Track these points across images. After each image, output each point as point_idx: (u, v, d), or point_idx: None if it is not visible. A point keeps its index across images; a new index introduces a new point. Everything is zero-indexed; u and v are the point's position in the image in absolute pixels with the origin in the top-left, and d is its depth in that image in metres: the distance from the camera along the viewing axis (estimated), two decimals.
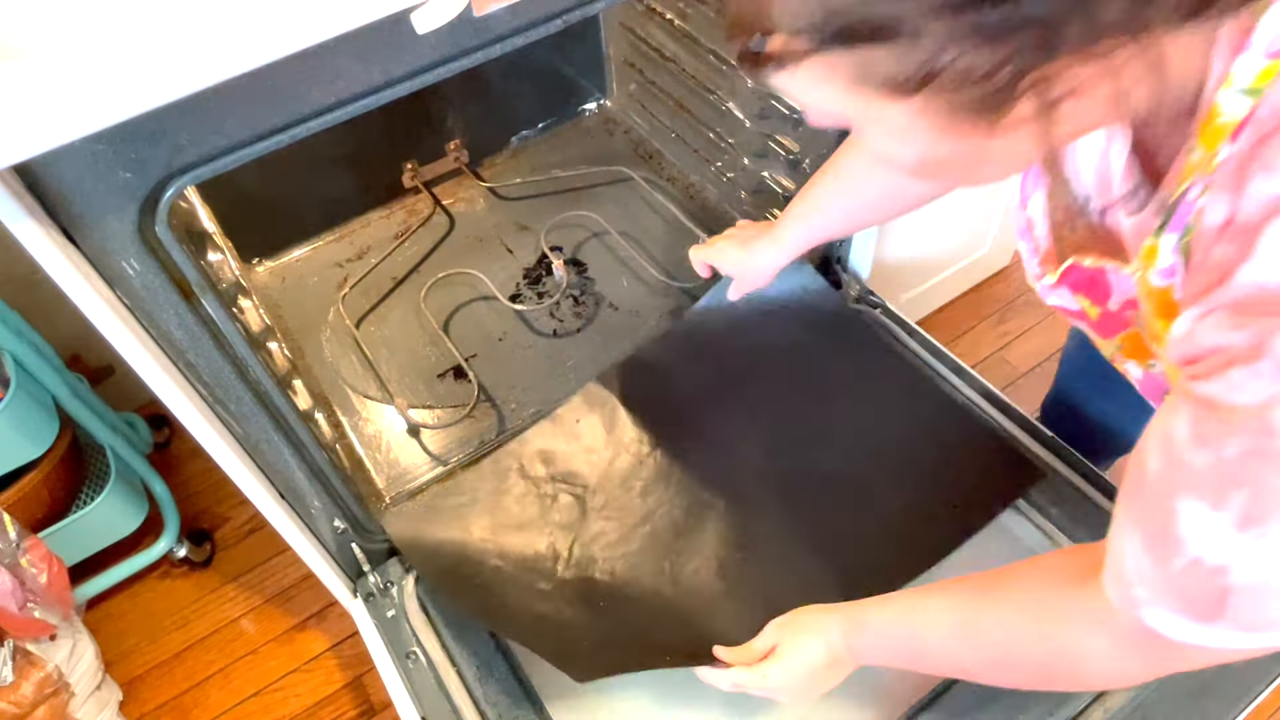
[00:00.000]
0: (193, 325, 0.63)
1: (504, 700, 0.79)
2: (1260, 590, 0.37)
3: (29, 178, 0.51)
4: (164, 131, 0.52)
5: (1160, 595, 0.41)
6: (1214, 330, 0.34)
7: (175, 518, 1.25)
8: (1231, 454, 0.35)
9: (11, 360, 1.03)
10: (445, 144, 1.33)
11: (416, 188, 1.32)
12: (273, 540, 0.94)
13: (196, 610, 1.26)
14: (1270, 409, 0.33)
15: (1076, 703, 0.73)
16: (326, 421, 1.03)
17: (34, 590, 0.92)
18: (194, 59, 0.46)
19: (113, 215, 0.54)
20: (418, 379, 1.10)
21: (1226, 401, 0.34)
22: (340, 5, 0.48)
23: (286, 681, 1.18)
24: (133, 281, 0.58)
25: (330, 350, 1.15)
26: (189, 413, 0.67)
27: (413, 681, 0.82)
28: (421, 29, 0.52)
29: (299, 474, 0.79)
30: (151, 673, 1.20)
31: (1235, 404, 0.34)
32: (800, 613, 0.70)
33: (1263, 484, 0.34)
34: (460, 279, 1.21)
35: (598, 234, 1.25)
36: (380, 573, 0.91)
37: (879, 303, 1.08)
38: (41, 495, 1.13)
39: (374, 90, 0.58)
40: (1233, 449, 0.35)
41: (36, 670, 0.97)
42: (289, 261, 1.27)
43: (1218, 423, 0.35)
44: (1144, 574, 0.41)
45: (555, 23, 0.60)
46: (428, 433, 1.04)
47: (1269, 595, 0.37)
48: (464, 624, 0.84)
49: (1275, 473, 0.34)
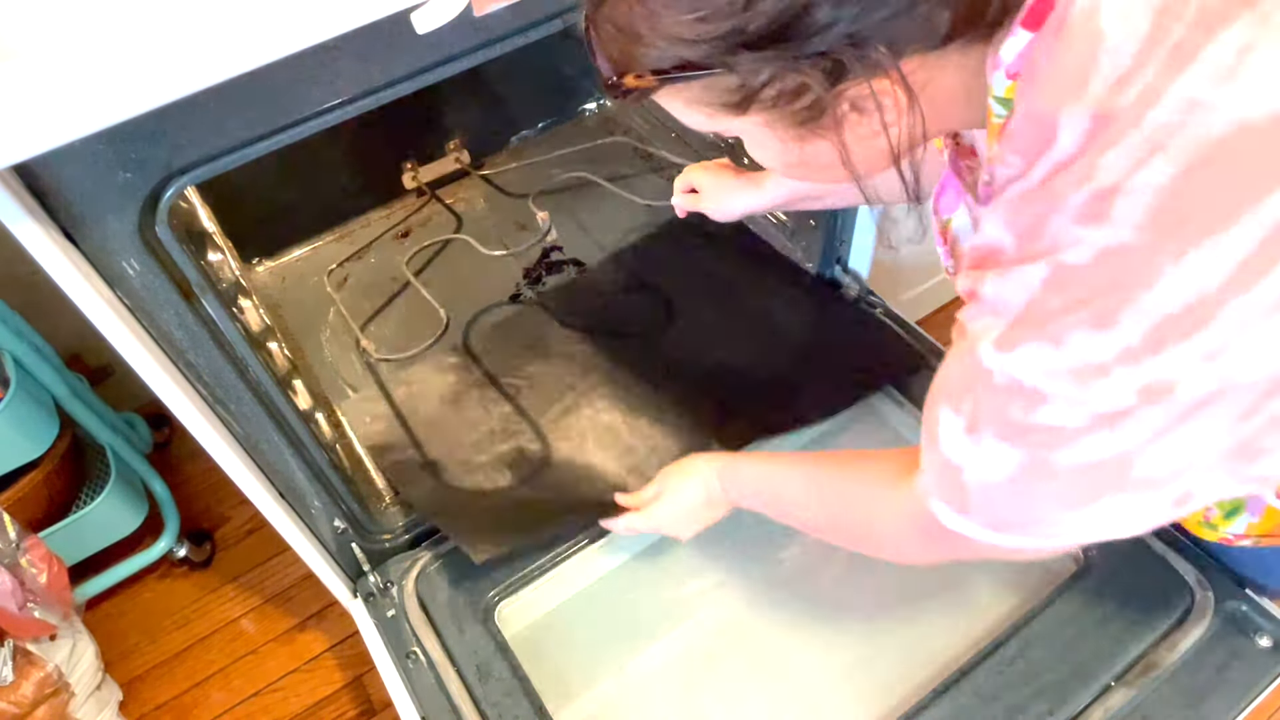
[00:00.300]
0: (193, 325, 0.63)
1: (504, 700, 0.79)
2: (988, 490, 0.45)
3: (29, 178, 0.51)
4: (164, 131, 0.52)
5: (934, 486, 0.49)
6: (962, 278, 0.44)
7: (175, 518, 1.25)
8: (961, 368, 0.43)
9: (11, 360, 1.03)
10: (445, 144, 1.33)
11: (417, 188, 1.32)
12: (273, 540, 0.94)
13: (196, 610, 1.26)
14: (979, 339, 0.41)
15: (1076, 703, 0.73)
16: (326, 421, 1.03)
17: (34, 590, 0.92)
18: (194, 59, 0.46)
19: (113, 215, 0.54)
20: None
21: (963, 325, 0.43)
22: (340, 5, 0.48)
23: (286, 681, 1.18)
24: (133, 281, 0.58)
25: (330, 350, 1.15)
26: (189, 413, 0.67)
27: (413, 681, 0.82)
28: (421, 29, 0.52)
29: (299, 474, 0.79)
30: (151, 673, 1.20)
31: (966, 329, 0.43)
32: (683, 460, 0.83)
33: (979, 398, 0.42)
34: (460, 278, 1.20)
35: (588, 184, 1.25)
36: (380, 573, 0.91)
37: (879, 303, 1.08)
38: (41, 495, 1.13)
39: (374, 90, 0.58)
40: (963, 365, 0.43)
41: (36, 670, 0.97)
42: (289, 261, 1.27)
43: (959, 341, 0.44)
44: (925, 467, 0.49)
45: (555, 23, 0.60)
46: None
47: (996, 496, 0.45)
48: (464, 624, 0.85)
49: (985, 390, 0.41)
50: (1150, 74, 0.34)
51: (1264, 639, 0.75)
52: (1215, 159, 0.33)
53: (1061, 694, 0.73)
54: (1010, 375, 0.40)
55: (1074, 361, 0.37)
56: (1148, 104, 0.34)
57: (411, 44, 0.55)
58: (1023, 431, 0.41)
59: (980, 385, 0.42)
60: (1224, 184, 0.33)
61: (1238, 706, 0.72)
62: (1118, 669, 0.75)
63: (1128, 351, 0.36)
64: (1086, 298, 0.36)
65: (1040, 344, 0.38)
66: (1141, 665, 0.75)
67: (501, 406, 1.04)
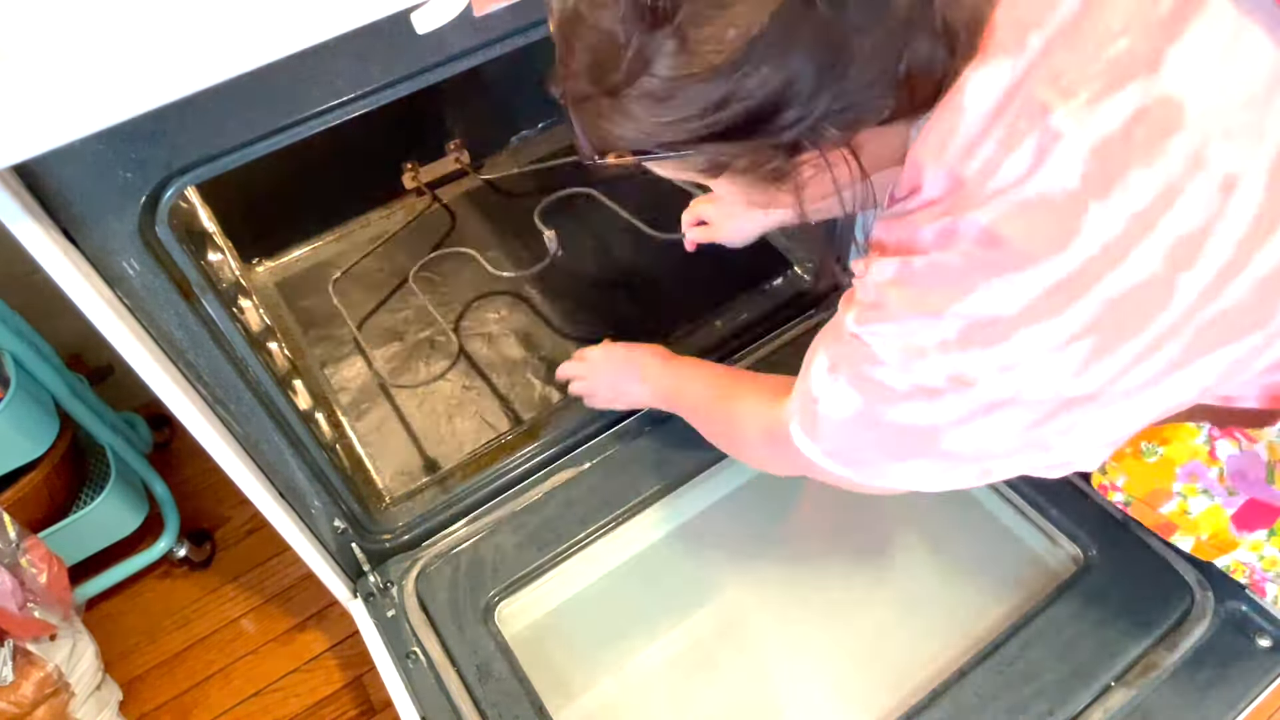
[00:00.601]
0: (193, 325, 0.63)
1: (504, 700, 0.79)
2: (832, 424, 0.54)
3: (29, 178, 0.51)
4: (164, 131, 0.52)
5: (796, 410, 0.57)
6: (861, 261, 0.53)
7: (175, 518, 1.25)
8: (837, 321, 0.53)
9: (11, 360, 1.03)
10: (445, 144, 1.33)
11: (417, 188, 1.32)
12: (273, 540, 0.94)
13: (196, 610, 1.26)
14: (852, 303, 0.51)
15: (1076, 703, 0.73)
16: (326, 421, 1.03)
17: (34, 590, 0.92)
18: (194, 59, 0.46)
19: (113, 215, 0.54)
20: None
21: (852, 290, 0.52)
22: (340, 5, 0.49)
23: (286, 681, 1.18)
24: (133, 281, 0.58)
25: (330, 350, 1.15)
26: (189, 413, 0.67)
27: (413, 681, 0.82)
28: (421, 29, 0.52)
29: (299, 474, 0.79)
30: (151, 673, 1.20)
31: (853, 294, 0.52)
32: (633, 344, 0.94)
33: (841, 347, 0.52)
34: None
35: (589, 199, 1.24)
36: (380, 573, 0.91)
37: None
38: (41, 495, 1.13)
39: (374, 90, 0.58)
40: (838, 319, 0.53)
41: (36, 670, 0.96)
42: (289, 261, 1.27)
43: (845, 301, 0.53)
44: (794, 393, 0.58)
45: None
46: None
47: (837, 430, 0.54)
48: (464, 624, 0.85)
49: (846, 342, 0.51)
50: (990, 149, 0.42)
51: (1264, 639, 0.75)
52: (1020, 218, 0.42)
53: (1061, 694, 0.73)
54: (863, 336, 0.49)
55: (904, 339, 0.47)
56: (987, 175, 0.42)
57: (411, 44, 0.55)
58: (864, 381, 0.50)
59: (845, 337, 0.51)
60: (1025, 236, 0.42)
61: (1238, 706, 0.73)
62: (1118, 669, 0.75)
63: (944, 343, 0.46)
64: (922, 291, 0.46)
65: (884, 322, 0.48)
66: (1141, 665, 0.75)
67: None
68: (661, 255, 1.19)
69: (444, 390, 1.09)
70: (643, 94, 0.42)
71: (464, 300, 1.19)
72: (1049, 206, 0.41)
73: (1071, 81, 0.41)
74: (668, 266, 1.18)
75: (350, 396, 1.10)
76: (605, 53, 0.42)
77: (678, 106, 0.42)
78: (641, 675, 0.84)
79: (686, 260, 1.05)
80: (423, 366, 1.12)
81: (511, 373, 1.10)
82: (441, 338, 1.14)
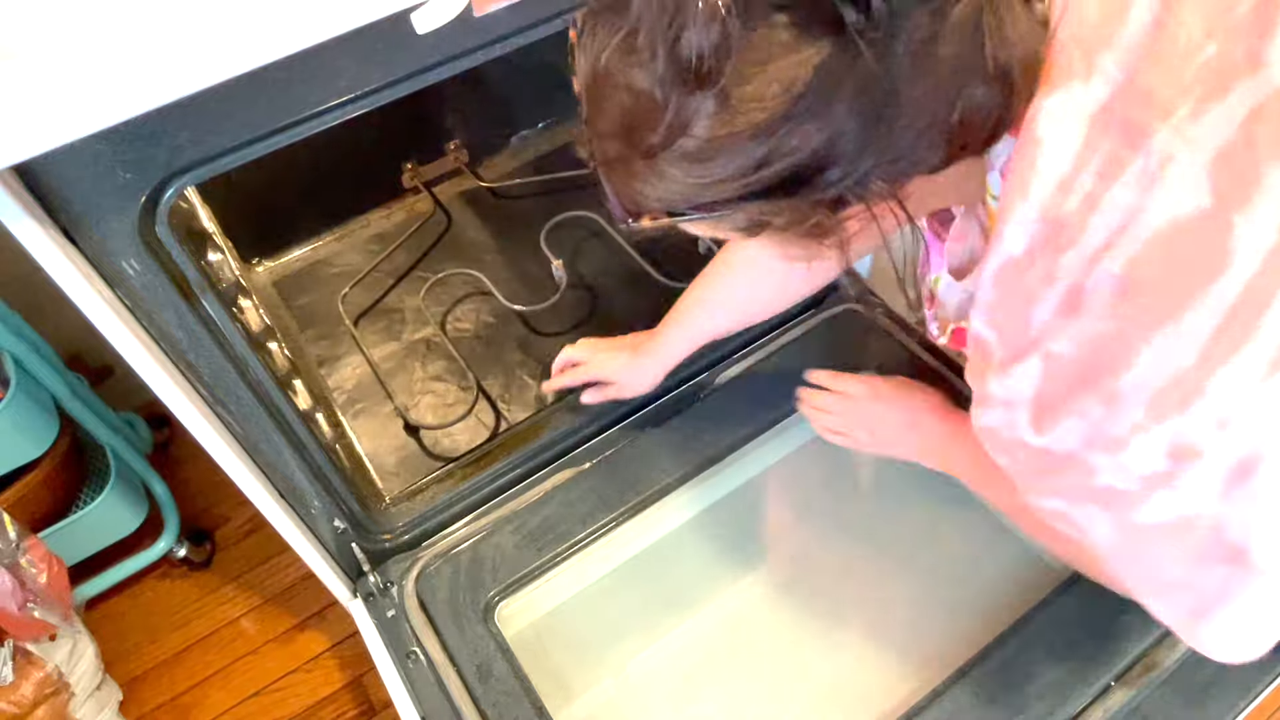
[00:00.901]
0: (193, 325, 0.63)
1: (504, 700, 0.79)
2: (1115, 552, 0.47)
3: (29, 178, 0.51)
4: (164, 131, 0.52)
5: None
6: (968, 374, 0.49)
7: (175, 518, 1.25)
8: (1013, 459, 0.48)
9: (11, 360, 1.03)
10: (445, 144, 1.33)
11: (416, 188, 1.32)
12: (273, 540, 0.94)
13: (196, 610, 1.26)
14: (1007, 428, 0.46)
15: (1076, 703, 0.73)
16: (326, 421, 1.03)
17: (34, 590, 0.92)
18: (194, 59, 0.46)
19: (113, 215, 0.54)
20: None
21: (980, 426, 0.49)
22: (340, 5, 0.48)
23: (286, 681, 1.18)
24: (133, 281, 0.58)
25: (330, 350, 1.15)
26: (189, 413, 0.67)
27: (413, 681, 0.82)
28: (421, 29, 0.52)
29: (299, 474, 0.79)
30: (151, 673, 1.20)
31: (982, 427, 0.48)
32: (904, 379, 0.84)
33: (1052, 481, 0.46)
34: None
35: (597, 234, 1.25)
36: (380, 573, 0.91)
37: (879, 303, 1.08)
38: (41, 495, 1.13)
39: (374, 90, 0.58)
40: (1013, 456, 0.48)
41: (36, 670, 0.96)
42: (289, 261, 1.27)
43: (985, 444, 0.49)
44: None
45: (555, 23, 0.60)
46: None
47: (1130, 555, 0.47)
48: (464, 624, 0.85)
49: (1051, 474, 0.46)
50: (1088, 182, 0.39)
51: None
52: (1156, 255, 0.38)
53: (1061, 694, 0.73)
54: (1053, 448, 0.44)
55: (1094, 435, 0.42)
56: (1090, 210, 0.39)
57: (411, 44, 0.55)
58: (1095, 495, 0.44)
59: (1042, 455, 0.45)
60: (1168, 275, 0.38)
61: (1238, 706, 0.73)
62: (1118, 669, 0.75)
63: (1135, 426, 0.40)
64: (1080, 378, 0.41)
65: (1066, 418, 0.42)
66: (1141, 665, 0.75)
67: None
68: (662, 255, 1.19)
69: (444, 390, 1.09)
70: (681, 155, 0.40)
71: (463, 300, 1.19)
72: (1185, 233, 0.38)
73: (1166, 98, 0.38)
74: (668, 266, 1.18)
75: (350, 396, 1.10)
76: (640, 114, 0.40)
77: (718, 167, 0.40)
78: (641, 675, 0.84)
79: (686, 260, 1.05)
80: (421, 366, 1.12)
81: (511, 373, 1.10)
82: (439, 338, 1.14)
